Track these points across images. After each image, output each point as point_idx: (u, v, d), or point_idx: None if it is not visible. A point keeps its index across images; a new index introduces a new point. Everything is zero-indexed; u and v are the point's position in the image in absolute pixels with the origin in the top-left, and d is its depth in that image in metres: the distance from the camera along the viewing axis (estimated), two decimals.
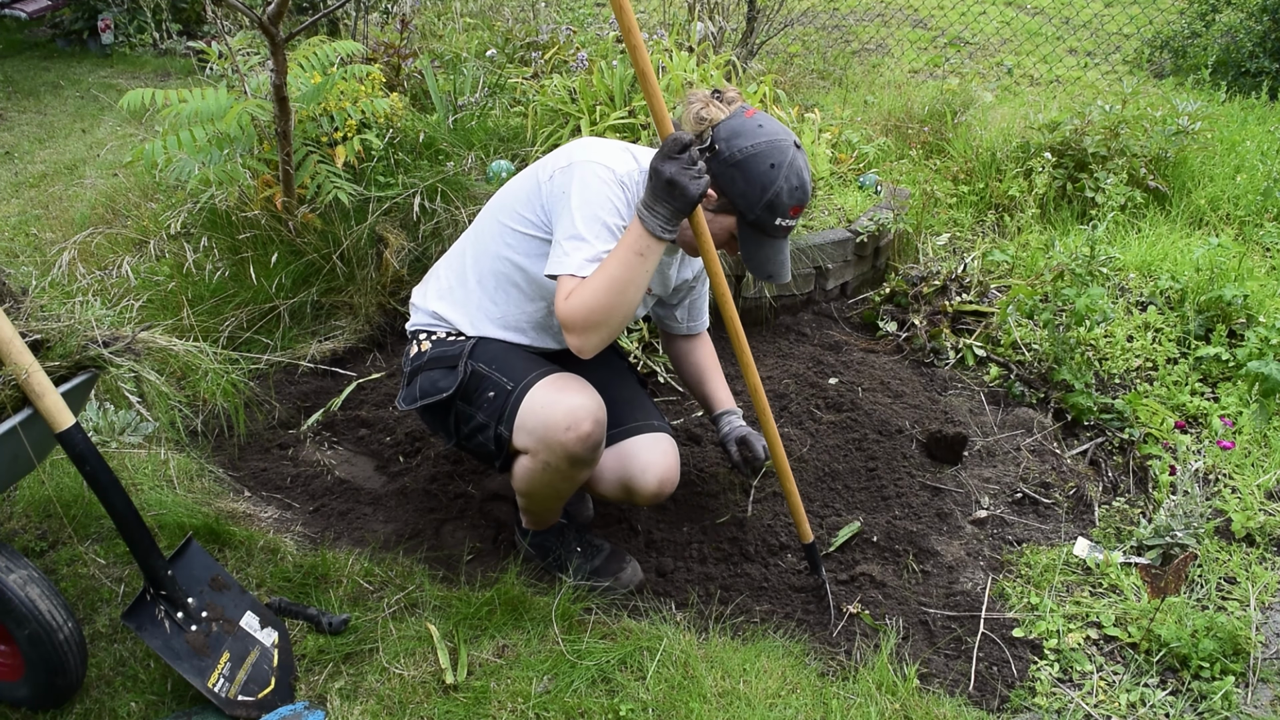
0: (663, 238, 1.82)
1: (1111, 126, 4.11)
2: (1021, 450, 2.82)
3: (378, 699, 1.88)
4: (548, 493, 2.08)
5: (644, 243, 1.82)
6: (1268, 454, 2.69)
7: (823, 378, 3.11)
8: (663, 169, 1.78)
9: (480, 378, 2.05)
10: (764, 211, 1.93)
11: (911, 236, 3.76)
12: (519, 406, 1.97)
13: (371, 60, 4.04)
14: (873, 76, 6.07)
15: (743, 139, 1.91)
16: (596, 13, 5.50)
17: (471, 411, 2.06)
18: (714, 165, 1.92)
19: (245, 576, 2.19)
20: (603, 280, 1.83)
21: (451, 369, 2.08)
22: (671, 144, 1.79)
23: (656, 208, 1.80)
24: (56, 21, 7.45)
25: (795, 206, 1.94)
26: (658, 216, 1.81)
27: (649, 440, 2.17)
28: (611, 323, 1.86)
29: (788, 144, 1.93)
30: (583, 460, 1.96)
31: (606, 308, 1.84)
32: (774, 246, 1.99)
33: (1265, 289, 3.35)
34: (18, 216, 4.13)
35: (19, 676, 1.80)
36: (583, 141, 2.07)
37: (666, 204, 1.79)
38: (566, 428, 1.92)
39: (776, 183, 1.91)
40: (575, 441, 1.92)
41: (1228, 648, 2.03)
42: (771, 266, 2.00)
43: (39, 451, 1.79)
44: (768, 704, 1.88)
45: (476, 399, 2.05)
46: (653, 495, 2.16)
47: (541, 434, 1.94)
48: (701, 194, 1.79)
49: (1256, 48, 5.81)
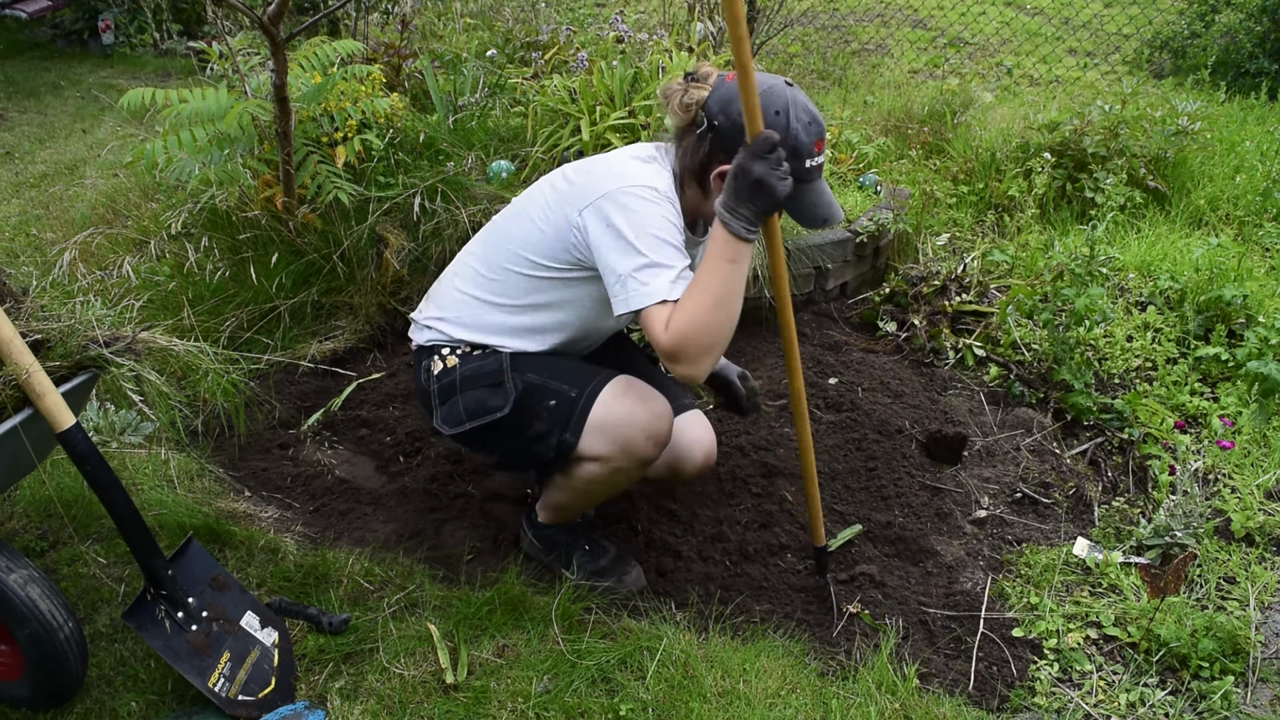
0: (748, 239, 1.75)
1: (1111, 127, 4.11)
2: (1021, 450, 2.82)
3: (378, 699, 1.88)
4: (602, 494, 2.09)
5: (733, 248, 1.74)
6: (1267, 454, 2.69)
7: (823, 378, 3.11)
8: (752, 169, 1.70)
9: (535, 389, 1.99)
10: (791, 160, 1.81)
11: (911, 236, 3.76)
12: (589, 412, 1.94)
13: (372, 60, 4.04)
14: (872, 77, 6.07)
15: (737, 101, 1.77)
16: (596, 13, 5.50)
17: (529, 422, 1.99)
18: (724, 141, 1.84)
19: (245, 576, 2.20)
20: (702, 299, 1.74)
21: (497, 385, 2.00)
22: (762, 143, 1.70)
23: (740, 209, 1.73)
24: (57, 22, 7.45)
25: (817, 140, 1.87)
26: (741, 219, 1.73)
27: (688, 419, 2.19)
28: (722, 341, 1.78)
29: (780, 86, 1.86)
30: (651, 460, 1.98)
31: (714, 326, 1.75)
32: (815, 190, 1.90)
33: (1265, 289, 3.35)
34: (18, 216, 4.13)
35: (19, 676, 1.80)
36: (601, 162, 1.97)
37: (750, 205, 1.72)
38: (648, 436, 1.92)
39: (791, 125, 1.83)
40: (655, 447, 1.94)
41: (1227, 647, 2.03)
42: (821, 209, 1.91)
43: (40, 451, 1.79)
44: (768, 704, 1.88)
45: (535, 409, 1.99)
46: (699, 470, 2.19)
47: (622, 442, 1.93)
48: (786, 195, 1.73)
49: (1256, 48, 5.81)
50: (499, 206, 3.43)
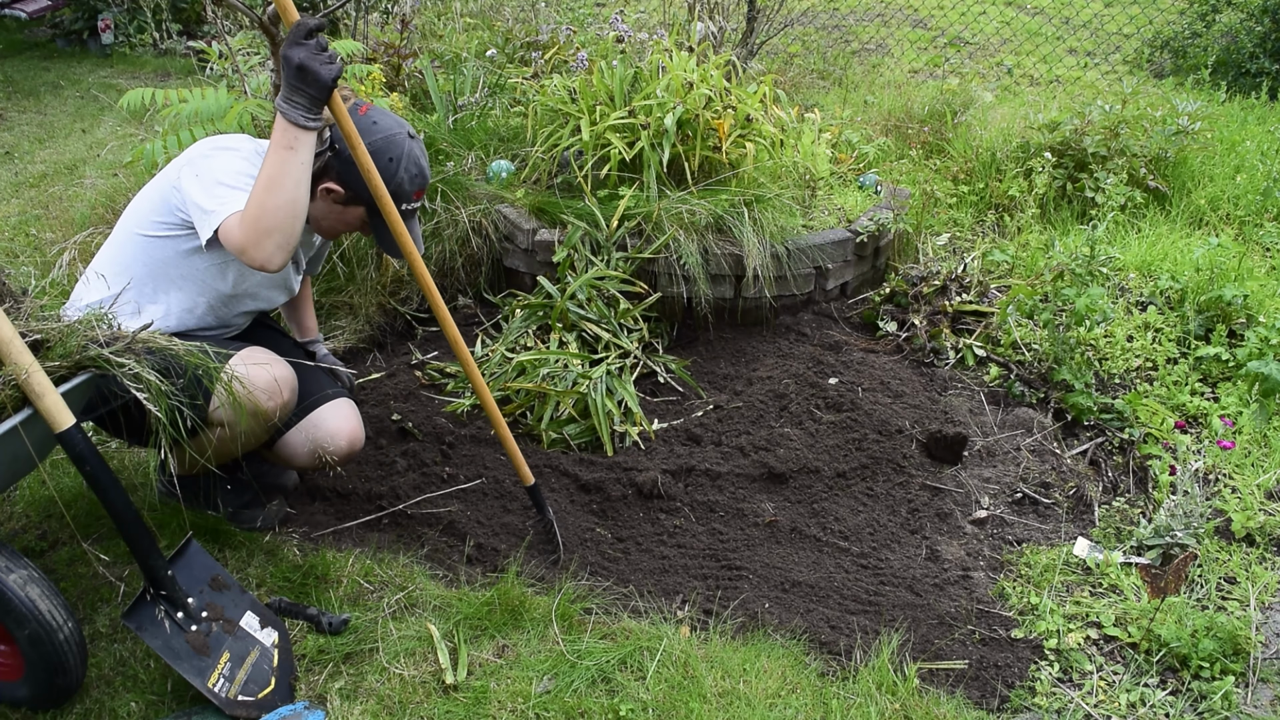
0: (308, 126, 1.85)
1: (1111, 126, 4.11)
2: (1021, 450, 2.82)
3: (378, 699, 1.88)
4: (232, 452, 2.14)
5: (291, 135, 1.85)
6: (1268, 454, 2.69)
7: (823, 378, 3.11)
8: (291, 55, 1.80)
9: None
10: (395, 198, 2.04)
11: (911, 236, 3.76)
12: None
13: (372, 60, 4.04)
14: (873, 76, 6.07)
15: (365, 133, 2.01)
16: (596, 13, 5.50)
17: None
18: (337, 163, 2.06)
19: (245, 576, 2.19)
20: (261, 184, 1.86)
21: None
22: (297, 29, 1.81)
23: (295, 98, 1.83)
24: (56, 21, 7.45)
25: (417, 191, 2.14)
26: (297, 107, 1.83)
27: (331, 409, 2.27)
28: (283, 225, 1.87)
29: (402, 136, 2.09)
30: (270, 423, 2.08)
31: (273, 209, 1.85)
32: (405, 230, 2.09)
33: (1265, 289, 3.35)
34: (18, 216, 4.13)
35: (19, 676, 1.80)
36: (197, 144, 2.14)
37: (303, 91, 1.82)
38: (269, 396, 2.02)
39: (398, 175, 2.08)
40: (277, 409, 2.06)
41: (1228, 648, 2.03)
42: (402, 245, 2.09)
43: (39, 451, 1.79)
44: (768, 704, 1.88)
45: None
46: (345, 457, 2.28)
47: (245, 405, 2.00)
48: (335, 78, 1.82)
49: (1257, 48, 5.80)
50: (499, 206, 3.43)
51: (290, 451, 2.26)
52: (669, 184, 3.39)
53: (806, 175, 3.63)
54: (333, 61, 1.82)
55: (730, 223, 3.25)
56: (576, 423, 2.84)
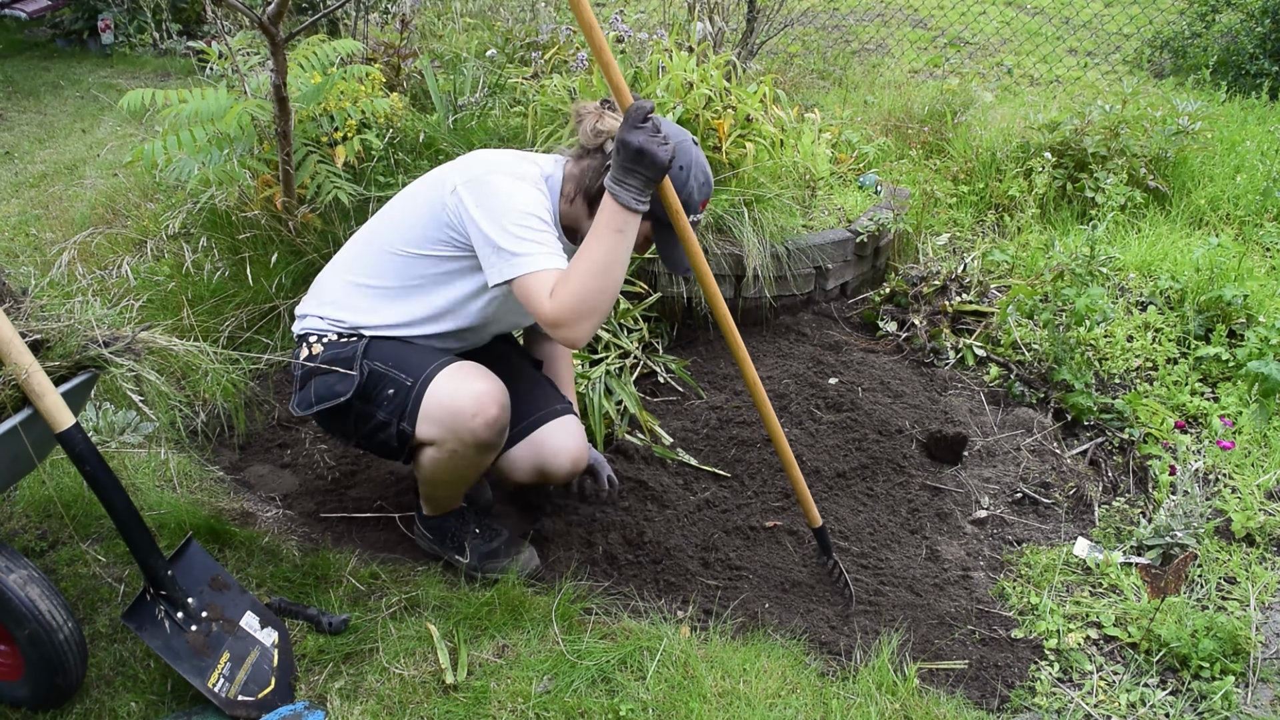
0: (637, 209, 1.83)
1: (1111, 126, 4.11)
2: (1021, 450, 2.82)
3: (378, 699, 1.88)
4: (453, 479, 2.11)
5: (621, 218, 1.83)
6: (1268, 454, 2.69)
7: (823, 378, 3.11)
8: (630, 139, 1.78)
9: (378, 377, 2.03)
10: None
11: (911, 236, 3.76)
12: (421, 400, 1.98)
13: (371, 60, 4.04)
14: (873, 76, 6.07)
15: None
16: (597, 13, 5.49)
17: (371, 410, 2.04)
18: None
19: (245, 576, 2.19)
20: (587, 266, 1.82)
21: (347, 372, 2.05)
22: (635, 113, 1.79)
23: (627, 180, 1.81)
24: (56, 21, 7.45)
25: (704, 200, 2.02)
26: (629, 189, 1.81)
27: (557, 426, 2.23)
28: (602, 307, 1.85)
29: (689, 144, 1.99)
30: (490, 445, 2.00)
31: (597, 291, 1.83)
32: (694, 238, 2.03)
33: (1265, 289, 3.35)
34: (18, 216, 4.13)
35: (19, 676, 1.79)
36: (476, 155, 2.07)
37: (637, 174, 1.79)
38: (474, 414, 1.95)
39: (688, 184, 1.96)
40: (483, 427, 1.96)
41: (1228, 648, 2.03)
42: (686, 261, 2.03)
43: (39, 451, 1.79)
44: (768, 704, 1.88)
45: (376, 398, 2.03)
46: (567, 476, 2.25)
47: (449, 423, 1.96)
48: (670, 160, 1.80)
49: (1257, 49, 5.80)
50: None
51: (511, 466, 2.23)
52: None
53: (806, 175, 3.63)
54: (666, 143, 1.80)
55: (730, 222, 3.25)
56: None
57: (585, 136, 2.01)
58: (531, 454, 2.21)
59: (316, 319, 2.14)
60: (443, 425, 1.97)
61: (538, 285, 1.85)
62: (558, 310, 1.83)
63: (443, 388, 1.97)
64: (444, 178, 2.03)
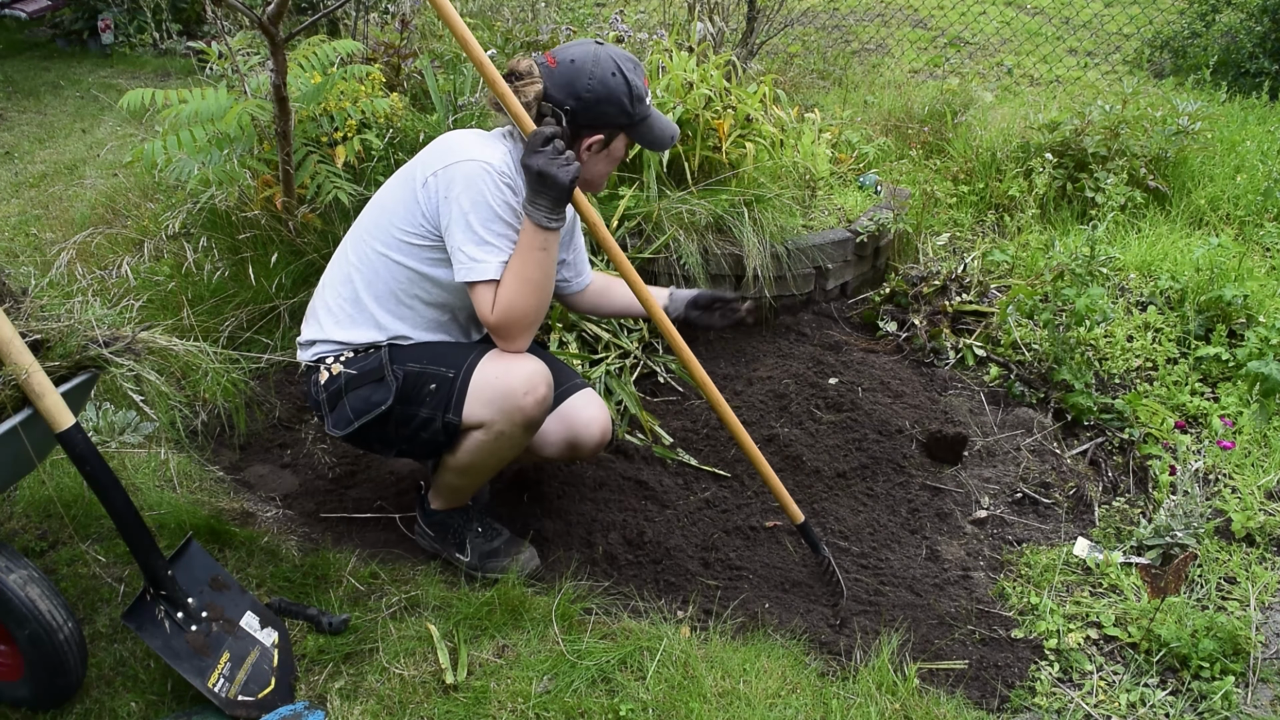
0: (552, 227, 1.94)
1: (1111, 126, 4.11)
2: (1021, 450, 2.82)
3: (378, 699, 1.88)
4: (492, 464, 2.12)
5: (541, 237, 1.94)
6: (1268, 454, 2.69)
7: (823, 378, 3.11)
8: (532, 164, 1.89)
9: (415, 376, 2.04)
10: (638, 106, 2.06)
11: (911, 236, 3.76)
12: (467, 389, 2.00)
13: (371, 60, 4.04)
14: (873, 76, 6.07)
15: (579, 80, 2.00)
16: (596, 13, 5.50)
17: (413, 411, 2.05)
18: (581, 118, 2.02)
19: (245, 576, 2.19)
20: (518, 283, 1.94)
21: (380, 380, 2.05)
22: (535, 139, 1.90)
23: (538, 201, 1.92)
24: (56, 21, 7.44)
25: (644, 78, 2.10)
26: (541, 209, 1.92)
27: (581, 399, 2.26)
28: (538, 319, 2.00)
29: (595, 48, 2.04)
30: (536, 422, 2.04)
31: (532, 308, 1.97)
32: (654, 118, 2.12)
33: (1265, 289, 3.35)
34: (18, 216, 4.13)
35: (19, 676, 1.79)
36: (446, 140, 2.07)
37: (545, 195, 1.90)
38: (525, 392, 1.98)
39: (629, 79, 2.03)
40: (534, 405, 2.00)
41: (1228, 648, 2.03)
42: (669, 130, 2.13)
43: (39, 451, 1.79)
44: (768, 704, 1.88)
45: (417, 397, 2.04)
46: (596, 447, 2.27)
47: (500, 404, 1.99)
48: (574, 179, 1.89)
49: (1257, 48, 5.80)
50: None
51: (543, 441, 2.24)
52: (669, 184, 3.38)
53: (806, 175, 3.63)
54: (570, 163, 1.90)
55: (730, 223, 3.26)
56: None
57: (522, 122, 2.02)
58: (563, 427, 2.22)
59: (325, 344, 2.13)
60: (494, 406, 1.99)
61: (482, 295, 1.96)
62: (498, 323, 1.96)
63: (490, 370, 2.01)
64: (413, 171, 2.05)
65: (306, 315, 2.22)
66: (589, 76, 1.99)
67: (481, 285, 1.95)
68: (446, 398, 2.02)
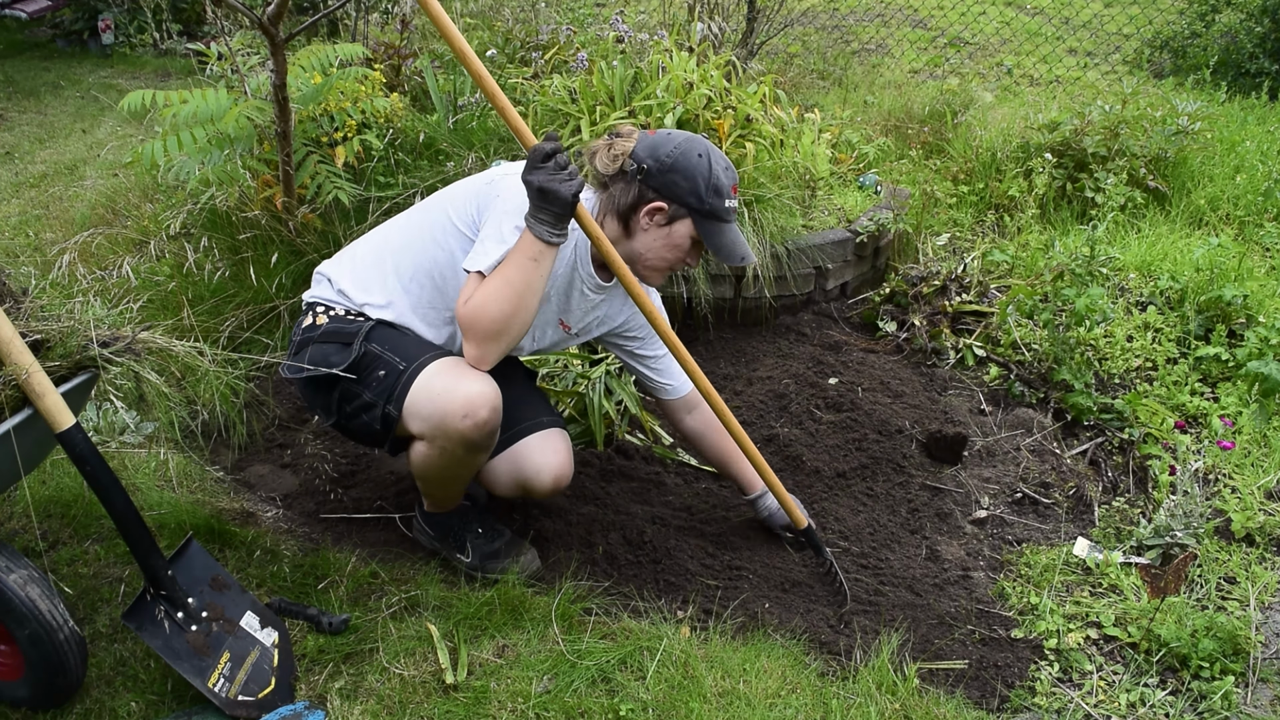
0: (551, 241, 1.89)
1: (1111, 127, 4.11)
2: (1021, 450, 2.82)
3: (378, 699, 1.88)
4: (446, 476, 2.10)
5: (535, 247, 1.89)
6: (1267, 454, 2.69)
7: (823, 378, 3.11)
8: (531, 179, 1.85)
9: (373, 357, 2.02)
10: (712, 197, 2.03)
11: (911, 237, 3.76)
12: (410, 387, 1.97)
13: (372, 61, 4.04)
14: (873, 77, 6.07)
15: (663, 146, 2.04)
16: (596, 13, 5.50)
17: (359, 390, 2.02)
18: (652, 181, 2.03)
19: (245, 576, 2.19)
20: (498, 282, 1.89)
21: (345, 345, 2.05)
22: (534, 155, 1.86)
23: (540, 215, 1.88)
24: (57, 22, 7.45)
25: (734, 184, 2.08)
26: (543, 224, 1.88)
27: (539, 439, 2.19)
28: (506, 331, 1.91)
29: (700, 138, 2.08)
30: (479, 446, 1.99)
31: (502, 314, 1.89)
32: (732, 230, 2.10)
33: (1265, 289, 3.35)
34: (18, 217, 4.13)
35: (19, 676, 1.80)
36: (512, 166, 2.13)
37: (547, 210, 1.86)
38: (463, 415, 1.92)
39: (712, 167, 2.03)
40: (472, 429, 1.93)
41: (1227, 647, 2.03)
42: (739, 249, 2.09)
43: (40, 451, 1.80)
44: (768, 704, 1.88)
45: (365, 378, 2.02)
46: (549, 493, 2.22)
47: (438, 420, 1.94)
48: (576, 194, 1.85)
49: (1256, 48, 5.80)
50: None
51: (492, 478, 2.21)
52: None
53: (806, 175, 3.63)
54: (572, 178, 1.86)
55: None
56: (577, 423, 2.84)
57: (604, 164, 2.08)
58: (511, 468, 2.18)
59: (331, 291, 2.15)
60: (430, 422, 1.95)
61: (471, 285, 1.93)
62: (466, 316, 1.90)
63: (434, 381, 1.95)
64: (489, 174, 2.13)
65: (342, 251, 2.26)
66: (674, 146, 2.03)
67: (473, 275, 1.93)
68: (390, 388, 1.98)
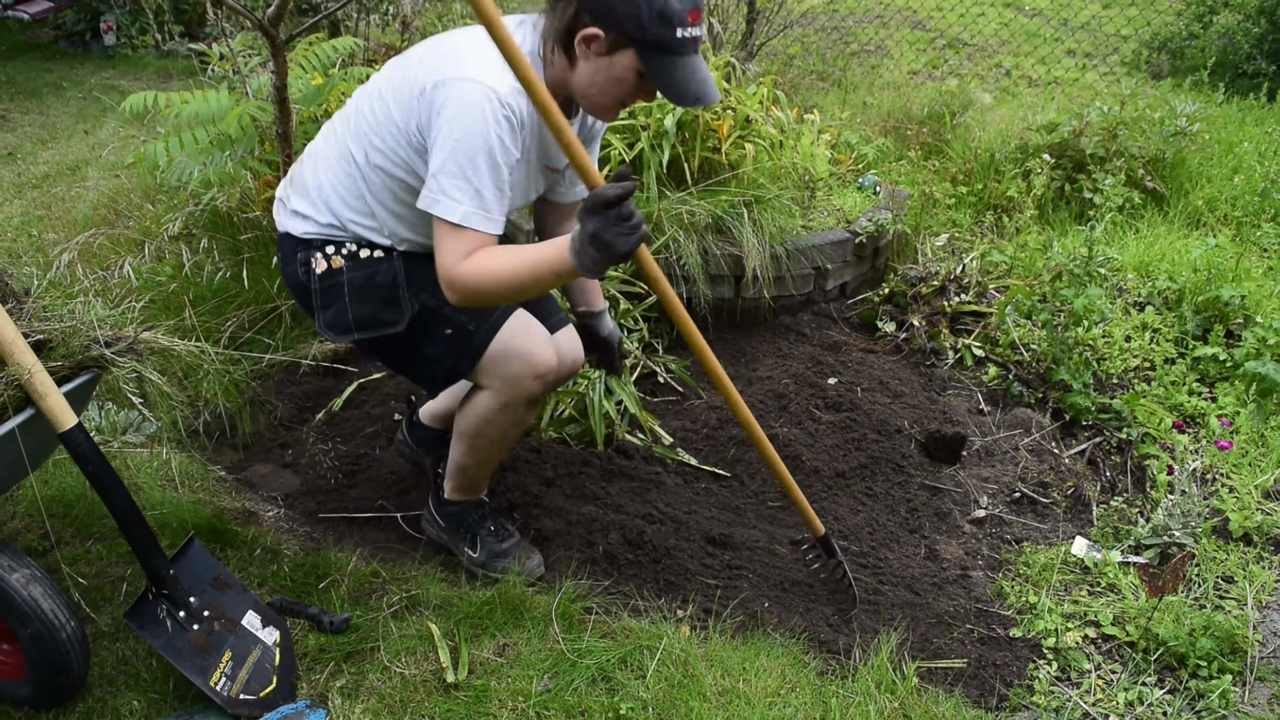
0: (586, 275, 1.70)
1: (1109, 128, 4.12)
2: (1020, 450, 2.83)
3: (379, 697, 1.89)
4: (497, 439, 2.10)
5: (566, 269, 1.71)
6: (1265, 454, 2.70)
7: (822, 378, 3.12)
8: (586, 224, 1.63)
9: (430, 313, 1.94)
10: (660, 25, 1.68)
11: (910, 237, 3.77)
12: (485, 348, 1.94)
13: (372, 62, 4.05)
14: (872, 78, 6.08)
15: None
16: None
17: (423, 344, 1.97)
18: (587, 4, 1.71)
19: (247, 576, 2.20)
20: (510, 278, 1.74)
21: (392, 303, 1.94)
22: (594, 201, 1.61)
23: (588, 251, 1.66)
24: (59, 23, 7.46)
25: (692, 10, 1.70)
26: (586, 258, 1.66)
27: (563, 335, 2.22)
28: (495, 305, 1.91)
29: None
30: (539, 400, 2.04)
31: (501, 298, 1.83)
32: (688, 65, 1.74)
33: (1262, 289, 3.36)
34: (20, 217, 4.14)
35: (21, 675, 1.80)
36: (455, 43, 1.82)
37: (594, 253, 1.65)
38: (535, 376, 1.96)
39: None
40: (541, 389, 1.99)
41: (1225, 646, 2.04)
42: (693, 86, 1.74)
43: (42, 451, 1.80)
44: (767, 703, 1.89)
45: (430, 335, 1.96)
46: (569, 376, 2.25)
47: (514, 380, 1.96)
48: (632, 250, 1.64)
49: (1254, 49, 5.81)
50: None
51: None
52: (669, 185, 3.39)
53: (806, 176, 3.64)
54: (634, 231, 1.62)
55: (730, 223, 3.26)
56: (577, 422, 2.85)
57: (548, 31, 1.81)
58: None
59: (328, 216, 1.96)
60: (505, 380, 1.96)
61: (455, 240, 1.74)
62: (461, 280, 1.74)
63: (510, 345, 1.94)
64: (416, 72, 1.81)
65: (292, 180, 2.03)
66: None
67: (445, 225, 1.74)
68: (459, 347, 1.95)
